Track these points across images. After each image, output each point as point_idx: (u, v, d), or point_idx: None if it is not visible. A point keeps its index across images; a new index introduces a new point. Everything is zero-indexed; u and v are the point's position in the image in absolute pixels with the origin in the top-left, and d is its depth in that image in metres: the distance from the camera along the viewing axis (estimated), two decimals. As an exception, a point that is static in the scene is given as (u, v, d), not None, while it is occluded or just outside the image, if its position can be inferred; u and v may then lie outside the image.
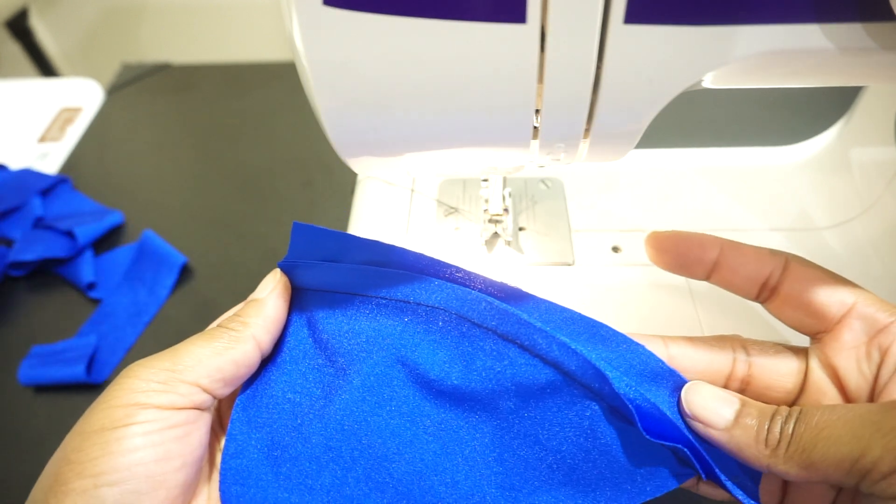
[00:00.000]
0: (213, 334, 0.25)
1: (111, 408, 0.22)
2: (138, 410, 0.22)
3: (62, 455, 0.22)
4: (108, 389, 0.23)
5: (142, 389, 0.23)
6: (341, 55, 0.22)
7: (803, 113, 0.62)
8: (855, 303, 0.25)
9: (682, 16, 0.21)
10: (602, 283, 0.39)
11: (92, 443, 0.21)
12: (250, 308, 0.27)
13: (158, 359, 0.24)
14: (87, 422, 0.22)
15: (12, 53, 1.22)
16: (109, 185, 0.63)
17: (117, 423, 0.22)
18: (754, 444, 0.21)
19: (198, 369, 0.24)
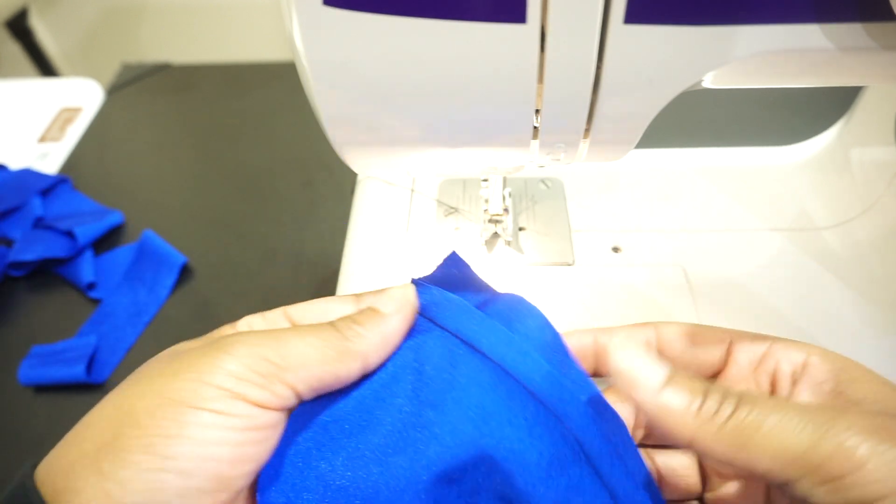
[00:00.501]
0: (326, 336, 0.22)
1: (201, 382, 0.20)
2: (229, 399, 0.20)
3: (128, 407, 0.19)
4: (200, 354, 0.20)
5: (239, 376, 0.20)
6: (341, 55, 0.22)
7: (803, 113, 0.62)
8: (730, 342, 0.25)
9: (682, 16, 0.21)
10: (602, 283, 0.39)
11: (169, 416, 0.19)
12: (372, 322, 0.24)
13: (262, 343, 0.21)
14: (168, 383, 0.20)
15: (12, 53, 1.22)
16: (109, 185, 0.63)
17: (202, 404, 0.19)
18: (684, 411, 0.19)
19: (301, 373, 0.21)
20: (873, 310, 0.37)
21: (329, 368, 0.22)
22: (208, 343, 0.21)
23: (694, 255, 0.41)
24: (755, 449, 0.18)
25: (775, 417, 0.18)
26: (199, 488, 0.19)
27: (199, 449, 0.19)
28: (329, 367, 0.22)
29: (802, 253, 0.41)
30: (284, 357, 0.21)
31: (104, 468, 0.18)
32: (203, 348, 0.21)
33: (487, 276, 0.28)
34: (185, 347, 0.23)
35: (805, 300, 0.38)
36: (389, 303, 0.25)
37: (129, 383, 0.21)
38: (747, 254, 0.41)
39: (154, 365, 0.22)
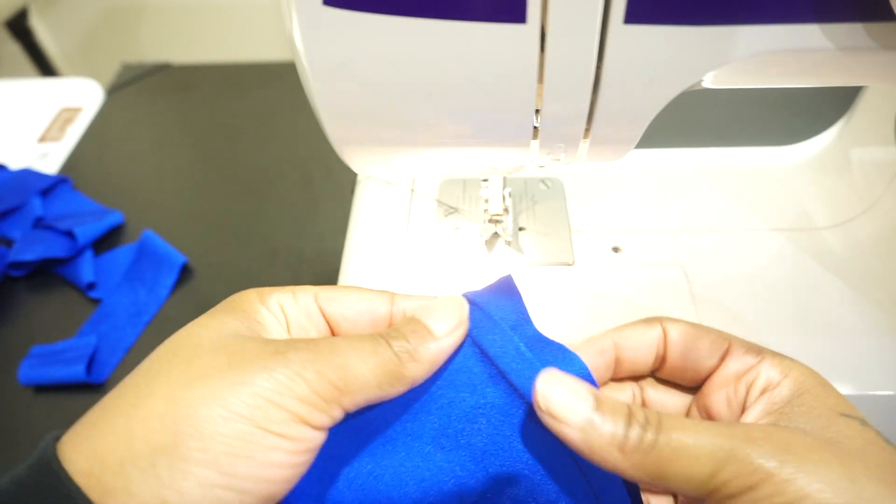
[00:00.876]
0: (385, 361, 0.22)
1: (269, 402, 0.19)
2: (293, 423, 0.19)
3: (188, 411, 0.18)
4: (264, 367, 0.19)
5: (305, 400, 0.20)
6: (341, 55, 0.22)
7: (803, 113, 0.62)
8: (728, 347, 0.26)
9: (682, 16, 0.21)
10: (602, 283, 0.39)
11: (238, 433, 0.18)
12: (425, 347, 0.23)
13: (328, 365, 0.20)
14: (233, 395, 0.19)
15: (12, 53, 1.22)
16: (109, 185, 0.63)
17: (270, 426, 0.19)
18: (607, 447, 0.21)
19: (357, 397, 0.21)
20: (873, 310, 0.37)
21: (382, 393, 0.22)
22: (271, 354, 0.20)
23: (694, 255, 0.41)
24: (671, 477, 0.20)
25: (689, 444, 0.20)
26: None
27: (261, 470, 0.19)
28: (382, 391, 0.22)
29: (802, 253, 0.41)
30: (347, 382, 0.21)
31: (162, 475, 0.18)
32: (266, 359, 0.20)
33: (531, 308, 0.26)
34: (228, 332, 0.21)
35: (805, 300, 0.38)
36: (442, 322, 0.23)
37: (177, 378, 0.20)
38: (747, 254, 0.41)
39: (205, 360, 0.20)
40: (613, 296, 0.39)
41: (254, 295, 0.24)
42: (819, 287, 0.39)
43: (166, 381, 0.20)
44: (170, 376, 0.20)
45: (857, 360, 0.35)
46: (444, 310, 0.24)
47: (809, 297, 0.38)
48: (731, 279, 0.39)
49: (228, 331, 0.22)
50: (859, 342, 0.36)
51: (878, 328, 0.36)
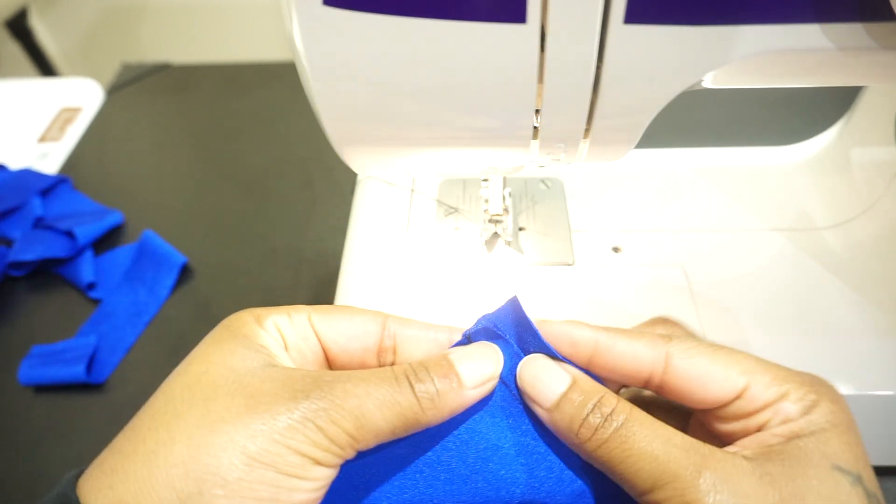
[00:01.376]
0: (403, 406, 0.21)
1: (287, 448, 0.19)
2: (312, 465, 0.20)
3: (210, 459, 0.19)
4: (280, 412, 0.20)
5: (322, 447, 0.20)
6: (341, 55, 0.22)
7: (803, 113, 0.62)
8: (746, 387, 0.22)
9: (682, 16, 0.21)
10: (602, 283, 0.39)
11: (261, 479, 0.19)
12: (450, 395, 0.22)
13: (343, 413, 0.20)
14: (252, 443, 0.19)
15: (12, 53, 1.22)
16: (109, 185, 0.63)
17: (291, 471, 0.19)
18: (565, 430, 0.22)
19: (371, 442, 0.21)
20: (873, 310, 0.37)
21: (394, 436, 0.22)
22: (285, 398, 0.20)
23: (694, 255, 0.41)
24: (618, 475, 0.21)
25: (639, 448, 0.21)
26: None
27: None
28: (395, 435, 0.22)
29: (802, 253, 0.41)
30: (361, 431, 0.21)
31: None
32: (281, 402, 0.20)
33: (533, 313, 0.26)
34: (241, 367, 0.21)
35: (805, 300, 0.38)
36: (476, 373, 0.23)
37: (198, 422, 0.20)
38: (747, 254, 0.41)
39: (223, 403, 0.20)
40: (613, 296, 0.39)
41: (250, 317, 0.24)
42: (819, 287, 0.39)
43: (185, 425, 0.20)
44: (189, 420, 0.20)
45: (857, 360, 0.35)
46: (480, 359, 0.23)
47: (809, 297, 0.38)
48: (731, 279, 0.39)
49: (241, 365, 0.22)
50: (859, 342, 0.36)
51: (878, 328, 0.36)
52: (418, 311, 0.37)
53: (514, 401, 0.25)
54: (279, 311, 0.24)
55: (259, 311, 0.24)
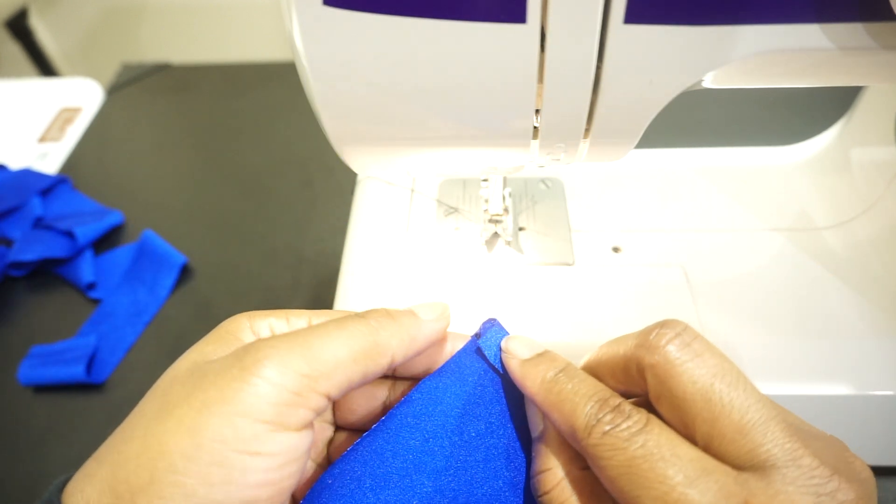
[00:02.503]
0: (354, 331, 0.21)
1: (238, 417, 0.18)
2: (268, 434, 0.19)
3: (160, 447, 0.18)
4: (228, 378, 0.19)
5: (274, 401, 0.19)
6: (341, 55, 0.22)
7: (803, 113, 0.62)
8: None
9: (682, 16, 0.21)
10: (602, 283, 0.39)
11: (210, 460, 0.18)
12: (404, 318, 0.23)
13: (290, 354, 0.19)
14: (201, 419, 0.18)
15: (12, 53, 1.22)
16: (109, 185, 0.63)
17: (243, 447, 0.18)
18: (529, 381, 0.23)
19: (334, 377, 0.20)
20: (873, 310, 0.37)
21: (358, 367, 0.21)
22: (233, 362, 0.20)
23: (694, 255, 0.41)
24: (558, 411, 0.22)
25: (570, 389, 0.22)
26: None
27: (241, 493, 0.18)
28: (359, 365, 0.21)
29: (802, 253, 0.41)
30: (315, 363, 0.20)
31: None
32: (228, 370, 0.19)
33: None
34: (204, 356, 0.21)
35: (805, 300, 0.38)
36: (427, 310, 0.24)
37: (153, 413, 0.19)
38: (747, 254, 0.41)
39: (177, 389, 0.20)
40: (613, 296, 0.39)
41: (245, 320, 0.23)
42: (819, 287, 0.39)
43: (142, 420, 0.20)
44: (147, 415, 0.20)
45: (857, 360, 0.35)
46: (430, 303, 0.25)
47: (809, 297, 0.38)
48: (731, 279, 0.39)
49: (202, 357, 0.21)
50: (859, 342, 0.36)
51: (878, 328, 0.36)
52: (418, 311, 0.37)
53: None
54: (278, 315, 0.24)
55: (256, 314, 0.24)
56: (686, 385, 0.20)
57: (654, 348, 0.21)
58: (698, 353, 0.20)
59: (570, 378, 0.23)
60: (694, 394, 0.20)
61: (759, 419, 0.19)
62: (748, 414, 0.19)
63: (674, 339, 0.21)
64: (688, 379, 0.20)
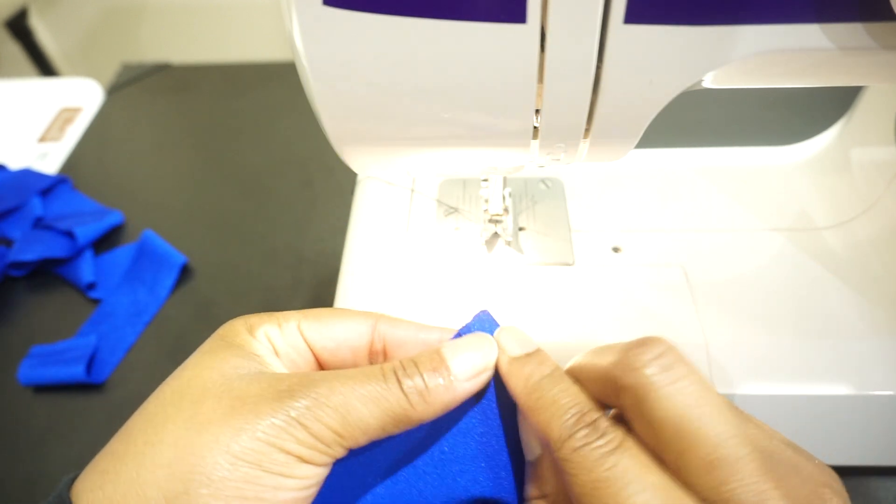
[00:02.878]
0: (391, 403, 0.21)
1: (273, 447, 0.20)
2: (297, 463, 0.20)
3: (196, 459, 0.19)
4: (265, 412, 0.20)
5: (307, 445, 0.20)
6: (341, 55, 0.22)
7: (803, 113, 0.62)
8: None
9: (682, 16, 0.21)
10: (602, 283, 0.39)
11: (245, 477, 0.19)
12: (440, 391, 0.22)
13: (328, 410, 0.20)
14: (237, 442, 0.19)
15: (12, 53, 1.22)
16: (109, 185, 0.63)
17: (276, 469, 0.20)
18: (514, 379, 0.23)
19: (360, 439, 0.21)
20: (873, 310, 0.37)
21: (385, 434, 0.22)
22: (271, 399, 0.20)
23: (694, 255, 0.41)
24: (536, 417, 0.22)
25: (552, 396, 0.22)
26: None
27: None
28: (386, 432, 0.22)
29: (802, 253, 0.41)
30: (348, 428, 0.21)
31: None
32: (266, 403, 0.20)
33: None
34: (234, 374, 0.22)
35: (805, 300, 0.38)
36: (467, 365, 0.23)
37: (184, 423, 0.20)
38: (747, 254, 0.41)
39: (211, 404, 0.20)
40: (613, 296, 0.39)
41: (242, 327, 0.24)
42: (819, 287, 0.39)
43: (173, 427, 0.20)
44: (177, 422, 0.20)
45: (857, 360, 0.35)
46: (472, 350, 0.23)
47: (809, 297, 0.38)
48: (731, 279, 0.39)
49: (232, 371, 0.22)
50: (859, 342, 0.36)
51: (878, 328, 0.36)
52: (418, 311, 0.38)
53: None
54: (270, 321, 0.24)
55: (252, 320, 0.24)
56: (659, 411, 0.19)
57: (631, 369, 0.20)
58: (676, 379, 0.19)
59: (553, 384, 0.22)
60: (665, 421, 0.19)
61: (731, 456, 0.18)
62: (719, 450, 0.18)
63: (652, 362, 0.20)
64: (662, 405, 0.19)
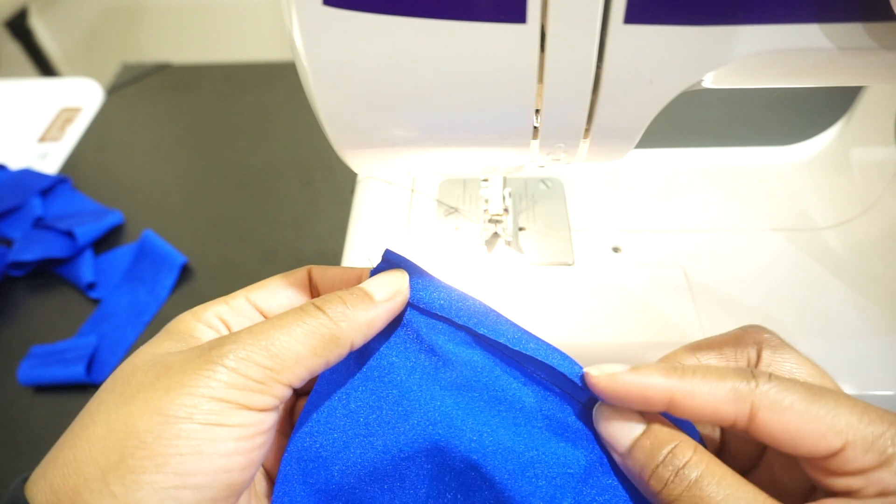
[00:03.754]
0: (314, 326, 0.22)
1: (202, 397, 0.19)
2: (232, 410, 0.20)
3: (127, 427, 0.19)
4: (192, 368, 0.20)
5: (238, 387, 0.20)
6: (341, 55, 0.22)
7: (803, 113, 0.62)
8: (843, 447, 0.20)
9: (682, 16, 0.21)
10: (602, 283, 0.39)
11: (177, 433, 0.19)
12: (361, 305, 0.23)
13: (252, 347, 0.21)
14: (166, 400, 0.19)
15: (12, 53, 1.22)
16: (109, 185, 0.63)
17: (210, 420, 0.19)
18: (640, 479, 0.21)
19: (295, 369, 0.21)
20: (873, 310, 0.37)
21: (319, 359, 0.22)
22: (196, 354, 0.21)
23: (694, 255, 0.41)
24: (704, 393, 0.20)
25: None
26: (212, 498, 0.19)
27: (212, 462, 0.19)
28: (319, 357, 0.22)
29: (802, 253, 0.41)
30: (277, 358, 0.21)
31: (116, 492, 0.18)
32: (192, 361, 0.20)
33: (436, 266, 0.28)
34: (163, 352, 0.22)
35: (805, 300, 0.38)
36: (382, 289, 0.24)
37: (115, 398, 0.20)
38: (747, 254, 0.41)
39: (138, 377, 0.21)
40: (613, 296, 0.39)
41: (189, 316, 0.24)
42: (819, 287, 0.39)
43: (104, 406, 0.20)
44: (108, 402, 0.20)
45: (857, 360, 0.35)
46: (386, 276, 0.25)
47: (809, 297, 0.38)
48: (731, 279, 0.39)
49: (162, 351, 0.22)
50: (859, 342, 0.36)
51: (878, 328, 0.36)
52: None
53: None
54: (217, 303, 0.25)
55: (198, 308, 0.25)
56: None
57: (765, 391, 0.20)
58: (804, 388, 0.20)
59: (701, 482, 0.20)
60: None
61: None
62: None
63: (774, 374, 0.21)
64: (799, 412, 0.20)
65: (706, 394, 0.21)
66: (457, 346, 0.26)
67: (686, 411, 0.21)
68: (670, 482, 0.20)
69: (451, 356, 0.26)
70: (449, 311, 0.26)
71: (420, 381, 0.25)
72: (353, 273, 0.27)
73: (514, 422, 0.25)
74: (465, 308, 0.26)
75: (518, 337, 0.25)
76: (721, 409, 0.21)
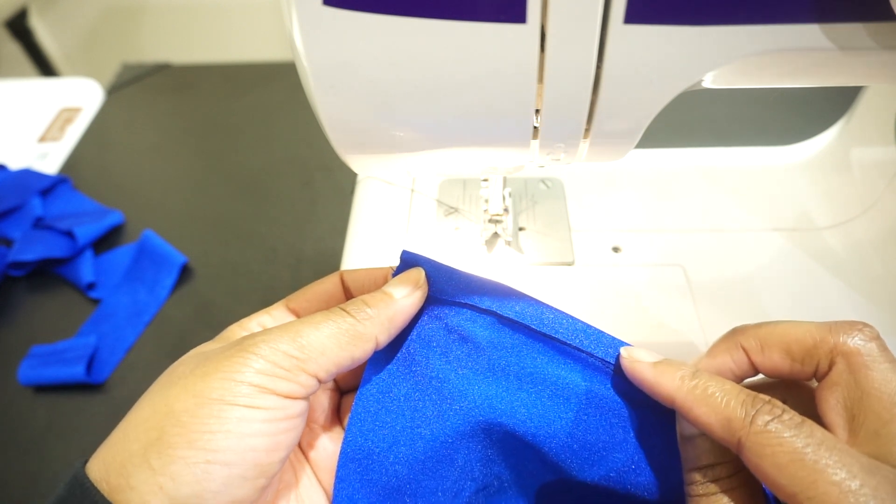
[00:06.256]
0: (339, 323, 0.24)
1: (233, 381, 0.22)
2: (260, 394, 0.22)
3: (167, 409, 0.21)
4: (226, 356, 0.22)
5: (267, 373, 0.22)
6: (341, 55, 0.22)
7: (803, 113, 0.62)
8: None
9: (682, 16, 0.21)
10: (602, 283, 0.39)
11: (210, 413, 0.21)
12: (382, 304, 0.26)
13: (281, 338, 0.23)
14: (202, 384, 0.22)
15: (12, 53, 1.22)
16: (109, 185, 0.63)
17: (239, 401, 0.21)
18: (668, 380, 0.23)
19: (321, 361, 0.23)
20: (873, 310, 0.37)
21: (345, 353, 0.24)
22: (231, 346, 0.23)
23: (694, 255, 0.41)
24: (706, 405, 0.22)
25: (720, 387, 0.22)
26: (241, 476, 0.21)
27: (239, 441, 0.21)
28: (345, 351, 0.24)
29: (802, 253, 0.41)
30: (304, 349, 0.23)
31: (154, 465, 0.20)
32: (227, 350, 0.23)
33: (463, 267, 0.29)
34: (206, 349, 0.24)
35: (805, 300, 0.38)
36: (400, 288, 0.27)
37: (160, 386, 0.23)
38: (747, 254, 0.41)
39: (181, 368, 0.23)
40: (613, 296, 0.39)
41: (235, 325, 0.27)
42: (819, 287, 0.39)
43: (151, 394, 0.23)
44: (154, 390, 0.23)
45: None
46: (402, 277, 0.27)
47: (809, 297, 0.38)
48: (731, 279, 0.39)
49: (206, 349, 0.25)
50: (859, 342, 0.36)
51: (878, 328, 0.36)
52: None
53: None
54: (261, 313, 0.28)
55: (244, 319, 0.28)
56: (876, 382, 0.21)
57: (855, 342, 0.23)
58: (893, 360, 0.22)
59: (710, 377, 0.23)
60: (881, 391, 0.21)
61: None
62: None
63: (874, 339, 0.23)
64: (881, 377, 0.21)
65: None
66: (484, 329, 0.27)
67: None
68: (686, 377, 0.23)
69: (480, 341, 0.27)
70: (472, 298, 0.28)
71: (455, 368, 0.27)
72: (379, 273, 0.29)
73: (547, 394, 0.26)
74: (487, 292, 0.28)
75: (542, 314, 0.27)
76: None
